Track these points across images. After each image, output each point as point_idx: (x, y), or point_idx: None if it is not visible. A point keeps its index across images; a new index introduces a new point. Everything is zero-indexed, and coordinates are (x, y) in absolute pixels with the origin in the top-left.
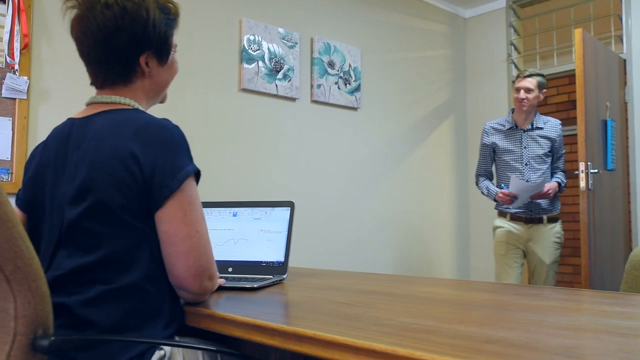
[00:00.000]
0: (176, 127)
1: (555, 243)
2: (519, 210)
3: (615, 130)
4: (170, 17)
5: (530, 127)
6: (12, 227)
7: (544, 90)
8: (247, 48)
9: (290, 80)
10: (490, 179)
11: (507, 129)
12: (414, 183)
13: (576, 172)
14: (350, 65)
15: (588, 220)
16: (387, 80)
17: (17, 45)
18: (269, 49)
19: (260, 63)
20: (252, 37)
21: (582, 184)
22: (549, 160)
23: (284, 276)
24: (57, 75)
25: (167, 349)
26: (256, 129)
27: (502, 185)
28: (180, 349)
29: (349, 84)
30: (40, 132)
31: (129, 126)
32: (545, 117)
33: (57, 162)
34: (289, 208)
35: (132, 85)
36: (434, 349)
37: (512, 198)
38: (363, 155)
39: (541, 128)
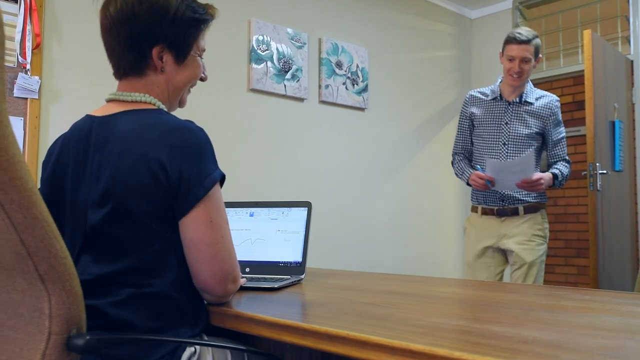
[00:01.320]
0: (201, 130)
1: (535, 236)
2: (490, 202)
3: (623, 132)
4: (199, 18)
5: (517, 100)
6: (47, 227)
7: (540, 55)
8: (256, 48)
9: (298, 80)
10: (470, 160)
11: (490, 100)
12: (421, 183)
13: (584, 173)
14: (357, 66)
15: (597, 221)
16: (394, 81)
17: (28, 45)
18: (277, 49)
19: (269, 63)
20: (261, 38)
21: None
22: (535, 144)
23: (302, 276)
24: (68, 75)
25: (197, 346)
26: (264, 129)
27: (477, 166)
28: (209, 347)
29: (357, 84)
30: (52, 132)
31: (155, 129)
32: (541, 90)
33: (77, 160)
34: (306, 208)
35: (145, 77)
36: (472, 349)
37: (488, 183)
38: (370, 155)
39: (531, 103)
